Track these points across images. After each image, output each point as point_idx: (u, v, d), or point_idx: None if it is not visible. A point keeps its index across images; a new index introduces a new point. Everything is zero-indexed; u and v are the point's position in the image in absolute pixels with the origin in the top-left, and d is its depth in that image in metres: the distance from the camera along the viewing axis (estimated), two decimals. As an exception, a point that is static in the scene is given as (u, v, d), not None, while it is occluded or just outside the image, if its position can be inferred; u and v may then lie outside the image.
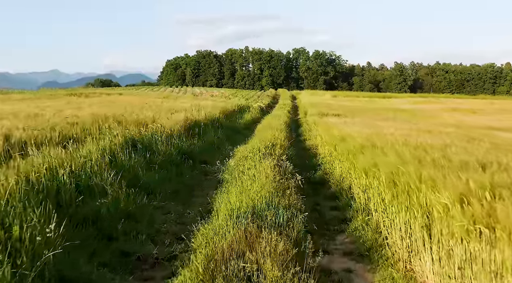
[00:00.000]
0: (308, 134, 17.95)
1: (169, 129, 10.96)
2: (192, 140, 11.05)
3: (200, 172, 8.59)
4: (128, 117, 11.50)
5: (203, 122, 14.52)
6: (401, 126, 14.70)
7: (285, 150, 9.85)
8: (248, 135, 17.59)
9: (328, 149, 10.05)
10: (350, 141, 8.65)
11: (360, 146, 7.69)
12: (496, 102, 48.36)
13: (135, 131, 9.57)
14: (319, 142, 14.19)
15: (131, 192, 5.62)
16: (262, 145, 9.67)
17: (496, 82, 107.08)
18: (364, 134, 10.07)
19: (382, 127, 13.61)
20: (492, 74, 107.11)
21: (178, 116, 13.28)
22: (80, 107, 14.38)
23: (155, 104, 19.28)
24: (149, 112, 13.59)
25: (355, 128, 12.60)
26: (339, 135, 9.83)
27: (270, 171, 6.44)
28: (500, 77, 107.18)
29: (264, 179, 5.65)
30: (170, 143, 9.07)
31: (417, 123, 18.79)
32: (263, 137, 11.88)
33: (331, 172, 8.80)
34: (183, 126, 12.06)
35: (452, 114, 28.65)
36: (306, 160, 11.26)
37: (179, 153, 8.79)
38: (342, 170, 7.96)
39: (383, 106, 37.36)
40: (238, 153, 8.98)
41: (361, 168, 6.35)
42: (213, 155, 10.70)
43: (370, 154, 6.86)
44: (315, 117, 19.21)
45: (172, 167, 7.95)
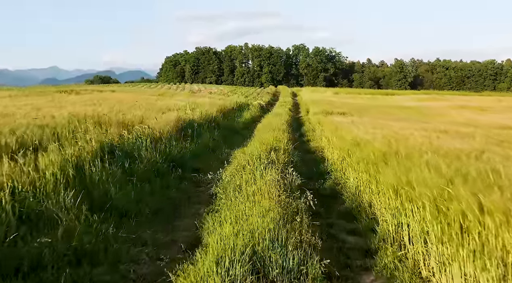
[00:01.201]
0: (312, 134, 16.68)
1: (158, 131, 9.69)
2: (184, 143, 9.78)
3: (190, 183, 7.31)
4: (112, 117, 10.22)
5: (198, 122, 13.24)
6: (414, 126, 13.44)
7: (289, 155, 8.59)
8: (247, 136, 16.31)
9: (338, 154, 8.79)
10: (366, 147, 7.39)
11: (381, 153, 6.43)
12: (503, 100, 47.03)
13: (117, 134, 8.30)
14: (325, 144, 12.93)
15: (94, 218, 4.35)
16: (263, 149, 8.42)
17: (497, 78, 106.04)
18: (378, 136, 8.81)
19: (395, 128, 12.36)
20: (492, 71, 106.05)
21: (170, 115, 12.01)
22: (62, 105, 13.11)
23: (148, 102, 17.99)
24: (138, 111, 12.31)
25: (366, 129, 11.33)
26: (351, 138, 8.55)
27: (274, 187, 5.18)
28: (500, 74, 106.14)
29: (268, 202, 4.39)
30: (157, 148, 7.80)
31: (429, 122, 17.54)
32: (264, 139, 10.61)
33: (344, 183, 7.53)
34: (175, 127, 10.78)
35: (461, 112, 27.39)
36: (313, 166, 10.00)
37: (166, 160, 7.52)
38: (358, 182, 6.69)
39: (387, 103, 36.10)
40: (235, 161, 7.71)
41: (388, 184, 5.08)
42: (207, 161, 9.43)
43: (396, 165, 5.60)
44: (319, 116, 17.93)
45: (156, 178, 6.68)
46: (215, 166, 9.14)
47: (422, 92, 64.22)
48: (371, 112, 22.63)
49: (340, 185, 7.60)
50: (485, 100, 45.40)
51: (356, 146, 7.80)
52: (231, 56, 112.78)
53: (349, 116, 17.93)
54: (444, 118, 23.08)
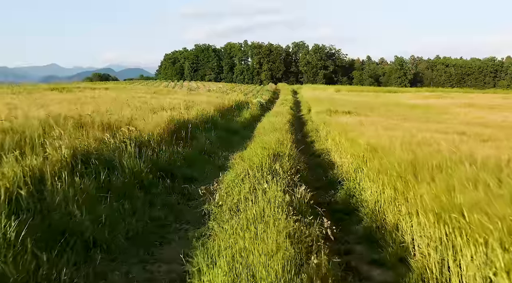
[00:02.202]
0: (316, 135, 15.62)
1: (146, 133, 8.63)
2: (176, 147, 8.71)
3: (180, 196, 6.24)
4: (96, 118, 9.16)
5: (193, 123, 12.17)
6: (429, 127, 12.38)
7: (294, 161, 7.53)
8: (247, 136, 15.25)
9: (351, 161, 7.72)
10: (386, 154, 6.33)
11: (406, 163, 5.37)
12: (508, 97, 45.96)
13: (97, 138, 7.24)
14: (331, 146, 11.87)
15: (44, 257, 3.26)
16: (264, 155, 7.37)
17: (497, 76, 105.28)
18: (396, 140, 7.75)
19: (409, 129, 11.29)
20: (492, 68, 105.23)
21: (162, 115, 10.94)
22: (46, 104, 12.04)
23: (141, 100, 16.91)
24: (127, 111, 11.25)
25: (378, 131, 10.27)
26: (366, 143, 7.49)
27: (280, 209, 4.13)
28: (500, 71, 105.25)
29: (274, 235, 3.33)
30: (142, 154, 6.74)
31: (441, 122, 16.48)
32: (266, 142, 9.55)
33: (359, 196, 6.48)
34: (166, 129, 9.72)
35: (470, 111, 26.32)
36: (321, 173, 8.94)
37: (152, 169, 6.46)
38: (378, 197, 5.63)
39: (392, 101, 34.98)
40: (232, 170, 6.65)
41: (424, 205, 4.03)
42: (202, 167, 8.38)
43: (429, 178, 4.55)
44: (323, 115, 16.85)
45: (139, 192, 5.63)
46: (211, 174, 8.10)
47: (426, 90, 63.09)
48: (377, 111, 21.54)
49: (355, 198, 6.55)
50: (489, 97, 44.32)
51: (373, 152, 6.74)
52: (231, 54, 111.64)
53: (355, 115, 16.85)
54: (454, 117, 22.01)
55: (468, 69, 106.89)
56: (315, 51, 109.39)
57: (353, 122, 13.38)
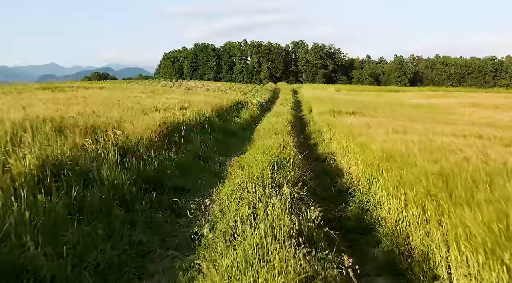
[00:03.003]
0: (319, 137, 14.80)
1: (134, 137, 7.79)
2: (168, 153, 7.86)
3: (169, 212, 5.39)
4: (81, 120, 8.31)
5: (189, 124, 11.33)
6: (442, 128, 11.56)
7: (299, 170, 6.70)
8: (246, 139, 14.40)
9: (362, 170, 6.88)
10: (405, 163, 5.50)
11: (435, 176, 4.55)
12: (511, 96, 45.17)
13: (76, 144, 6.41)
14: (336, 150, 11.05)
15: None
16: (266, 162, 6.54)
17: (497, 75, 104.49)
18: (413, 146, 6.93)
19: (421, 131, 10.48)
20: (492, 67, 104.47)
21: (154, 117, 10.10)
22: (29, 104, 11.18)
23: (135, 100, 16.05)
24: (117, 112, 10.40)
25: (388, 133, 9.46)
26: (380, 148, 6.65)
27: (288, 237, 3.30)
28: (500, 70, 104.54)
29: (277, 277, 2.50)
30: (126, 163, 5.89)
31: (450, 123, 15.68)
32: (267, 147, 8.73)
33: (375, 211, 5.65)
34: (157, 131, 8.88)
35: (476, 111, 25.56)
36: (327, 181, 8.11)
37: (137, 181, 5.61)
38: (400, 215, 4.80)
39: (394, 100, 34.21)
40: (229, 181, 5.82)
41: (469, 237, 3.20)
42: (196, 176, 7.53)
43: (468, 198, 3.74)
44: (326, 116, 16.02)
45: (118, 209, 4.79)
46: (206, 183, 7.27)
47: (428, 89, 62.20)
48: (382, 111, 20.74)
49: (369, 213, 5.72)
50: (492, 97, 43.52)
51: (389, 161, 5.90)
52: (230, 53, 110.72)
53: (360, 116, 16.03)
54: (460, 117, 21.24)
55: (468, 68, 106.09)
56: (314, 50, 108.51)
57: (359, 124, 12.56)
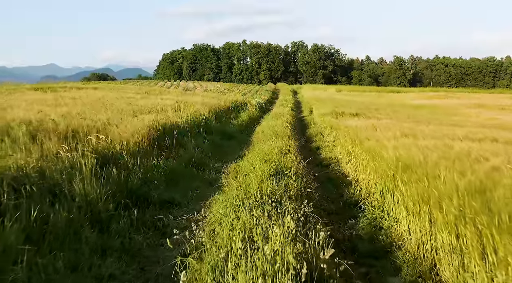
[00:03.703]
0: (320, 139, 14.06)
1: (120, 143, 7.05)
2: (157, 160, 7.10)
3: (152, 231, 4.61)
4: (62, 123, 7.57)
5: (183, 127, 10.59)
6: (451, 131, 10.82)
7: (303, 180, 5.95)
8: (244, 142, 13.65)
9: (374, 181, 6.12)
10: (426, 174, 4.76)
11: (468, 193, 3.81)
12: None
13: (50, 152, 5.67)
14: (340, 155, 10.33)
15: None
16: (265, 172, 5.81)
17: (496, 75, 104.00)
18: (429, 152, 6.19)
19: (432, 134, 9.76)
20: (492, 68, 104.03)
21: (144, 119, 9.34)
22: (12, 105, 10.44)
23: (128, 101, 15.29)
24: (104, 114, 9.65)
25: (397, 138, 8.72)
26: (394, 156, 5.91)
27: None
28: (500, 71, 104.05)
29: None
30: (104, 173, 5.15)
31: (458, 125, 14.93)
32: (266, 153, 7.99)
33: (390, 228, 4.91)
34: (147, 135, 8.13)
35: (481, 112, 24.85)
36: (334, 191, 7.35)
37: (116, 195, 4.86)
38: (423, 238, 4.06)
39: (396, 101, 33.48)
40: (223, 196, 5.07)
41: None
42: (187, 185, 6.78)
43: None
44: (328, 118, 15.27)
45: (90, 232, 4.03)
46: (198, 195, 6.50)
47: (430, 90, 61.50)
48: (384, 112, 19.98)
49: (384, 231, 4.98)
50: (496, 98, 42.80)
51: (407, 171, 5.15)
52: (229, 53, 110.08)
53: (364, 117, 15.29)
54: (468, 118, 20.51)
55: (468, 69, 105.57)
56: (314, 51, 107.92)
57: (364, 126, 11.83)
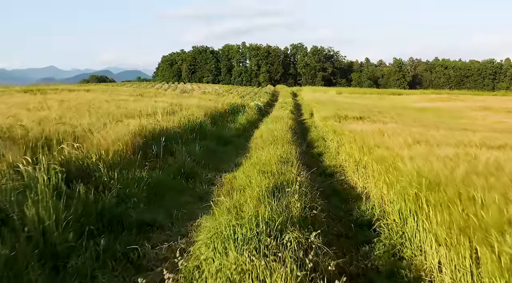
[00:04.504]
0: (323, 145, 13.20)
1: (97, 152, 6.18)
2: (139, 172, 6.22)
3: (122, 266, 3.72)
4: (35, 130, 6.72)
5: (174, 132, 9.73)
6: (464, 137, 9.98)
7: (306, 196, 5.09)
8: (241, 147, 12.78)
9: (390, 198, 5.24)
10: (460, 197, 3.90)
11: None
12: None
13: (9, 165, 4.81)
14: (345, 163, 9.48)
15: None
16: (262, 186, 4.98)
17: (496, 78, 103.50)
18: (452, 163, 5.34)
19: (443, 141, 8.91)
20: (492, 70, 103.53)
21: (130, 124, 8.47)
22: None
23: (118, 104, 14.43)
24: (87, 119, 8.79)
25: (410, 145, 7.86)
26: (414, 170, 5.03)
27: None
28: (500, 73, 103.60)
29: None
30: (72, 191, 4.29)
31: (468, 129, 14.08)
32: (264, 162, 7.15)
33: (414, 258, 4.05)
34: (131, 143, 7.26)
35: (488, 115, 24.02)
36: (342, 207, 6.47)
37: (80, 220, 3.98)
38: (462, 280, 3.20)
39: (399, 104, 32.66)
40: (212, 219, 4.19)
41: None
42: (173, 201, 5.90)
43: None
44: (331, 122, 14.40)
45: (37, 274, 3.15)
46: (185, 213, 5.60)
47: (431, 92, 60.74)
48: (388, 115, 19.13)
49: (406, 263, 4.11)
50: (501, 100, 41.98)
51: (432, 189, 4.29)
52: (229, 55, 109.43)
53: (368, 121, 14.43)
54: (474, 121, 19.68)
55: (467, 71, 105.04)
56: (313, 53, 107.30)
57: (370, 131, 10.96)
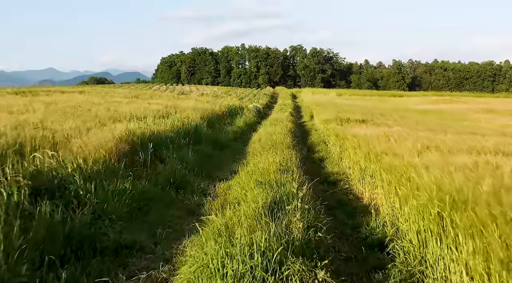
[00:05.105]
0: (325, 149, 12.54)
1: (73, 161, 5.52)
2: (122, 183, 5.57)
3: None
4: (9, 135, 6.07)
5: (165, 136, 9.07)
6: (476, 143, 9.33)
7: (310, 212, 4.44)
8: (238, 151, 12.12)
9: (406, 217, 4.57)
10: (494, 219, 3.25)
11: None
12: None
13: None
14: (349, 170, 8.84)
15: None
16: (259, 205, 4.35)
17: (495, 80, 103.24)
18: (473, 175, 4.70)
19: (454, 146, 8.27)
20: (491, 72, 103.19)
21: (116, 129, 7.81)
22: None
23: (109, 106, 13.77)
24: (71, 123, 8.13)
25: (422, 153, 7.21)
26: (434, 184, 4.37)
27: None
28: (499, 75, 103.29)
29: None
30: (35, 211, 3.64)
31: (476, 132, 13.44)
32: (262, 172, 6.52)
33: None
34: (115, 150, 6.60)
35: (492, 117, 23.40)
36: (348, 222, 5.80)
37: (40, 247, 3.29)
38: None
39: (400, 106, 32.03)
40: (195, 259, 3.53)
41: None
42: (159, 217, 5.24)
43: None
44: (332, 125, 13.74)
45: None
46: (171, 232, 4.94)
47: (432, 94, 60.09)
48: (391, 118, 18.49)
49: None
50: (504, 102, 41.38)
51: (457, 207, 3.64)
52: (228, 57, 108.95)
53: (371, 124, 13.77)
54: (481, 125, 19.05)
55: (467, 73, 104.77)
56: (312, 54, 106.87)
57: (375, 135, 10.31)
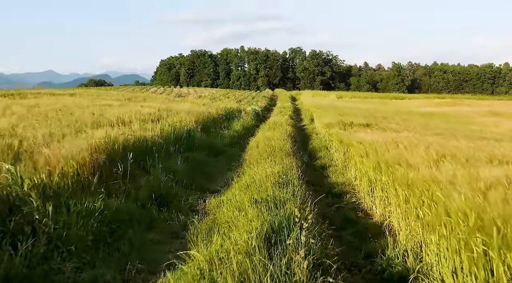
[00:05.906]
0: (327, 156, 11.71)
1: (32, 176, 4.68)
2: (92, 201, 4.73)
3: None
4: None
5: (151, 143, 8.23)
6: (496, 150, 8.51)
7: (315, 240, 3.60)
8: (235, 158, 11.25)
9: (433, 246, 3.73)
10: None
11: None
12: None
13: None
14: (356, 181, 8.01)
15: None
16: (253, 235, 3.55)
17: (495, 82, 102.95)
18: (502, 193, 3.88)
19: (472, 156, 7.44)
20: (490, 75, 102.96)
21: (94, 136, 6.96)
22: None
23: (96, 110, 12.92)
24: (45, 129, 7.30)
25: (439, 163, 6.38)
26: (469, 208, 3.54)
27: None
28: (498, 77, 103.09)
29: None
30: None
31: (493, 138, 12.59)
32: (259, 185, 5.69)
33: None
34: (90, 161, 5.75)
35: (499, 120, 22.61)
36: (358, 247, 4.96)
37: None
38: None
39: (403, 108, 31.22)
40: None
41: None
42: (136, 242, 4.40)
43: None
44: (335, 130, 12.90)
45: None
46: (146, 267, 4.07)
47: (434, 96, 59.40)
48: (394, 121, 17.66)
49: None
50: (508, 105, 40.61)
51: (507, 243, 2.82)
52: (227, 59, 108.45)
53: (377, 129, 12.94)
54: (489, 129, 18.22)
55: (466, 75, 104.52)
56: (312, 57, 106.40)
57: (382, 141, 9.47)
